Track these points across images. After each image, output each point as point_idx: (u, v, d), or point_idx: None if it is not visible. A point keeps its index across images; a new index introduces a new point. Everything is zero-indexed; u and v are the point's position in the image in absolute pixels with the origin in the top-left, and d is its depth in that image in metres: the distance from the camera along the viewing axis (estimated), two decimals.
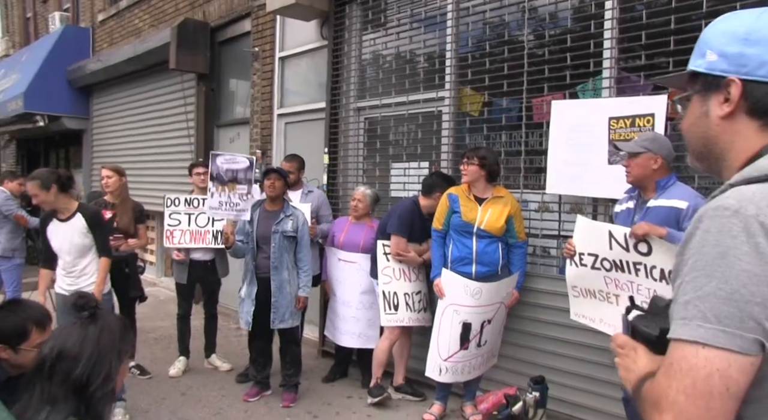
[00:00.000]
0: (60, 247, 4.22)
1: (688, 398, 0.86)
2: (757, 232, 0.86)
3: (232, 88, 8.11)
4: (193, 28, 7.79)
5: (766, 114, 1.00)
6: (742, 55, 1.00)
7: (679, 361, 0.88)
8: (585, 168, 3.96)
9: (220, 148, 8.09)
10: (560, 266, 4.27)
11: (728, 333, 0.85)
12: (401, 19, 5.35)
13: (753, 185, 0.92)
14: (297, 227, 4.55)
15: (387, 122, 5.56)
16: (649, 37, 3.74)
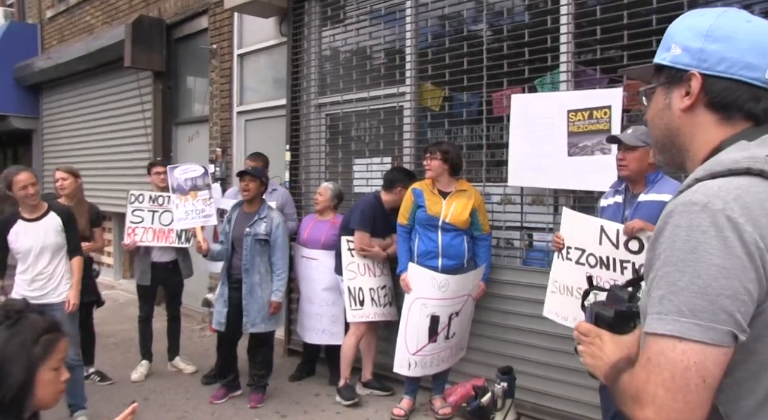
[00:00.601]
0: (29, 248, 3.99)
1: (667, 392, 0.89)
2: (725, 226, 0.89)
3: (189, 85, 7.98)
4: (148, 25, 7.63)
5: (724, 108, 1.04)
6: (703, 50, 1.04)
7: (657, 355, 0.91)
8: (545, 160, 4.03)
9: (179, 146, 7.97)
10: (524, 258, 4.35)
11: (702, 326, 0.88)
12: (360, 15, 5.34)
13: (718, 180, 0.95)
14: (270, 230, 4.48)
15: (348, 118, 5.55)
16: (603, 31, 3.81)
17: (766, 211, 0.91)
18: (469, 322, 4.33)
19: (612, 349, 1.12)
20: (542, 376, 4.09)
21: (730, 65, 1.02)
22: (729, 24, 1.04)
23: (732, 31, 1.03)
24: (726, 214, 0.90)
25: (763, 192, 0.92)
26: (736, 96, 1.03)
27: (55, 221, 4.08)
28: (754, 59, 1.01)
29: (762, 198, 0.92)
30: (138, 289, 5.36)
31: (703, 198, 0.92)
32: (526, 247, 4.39)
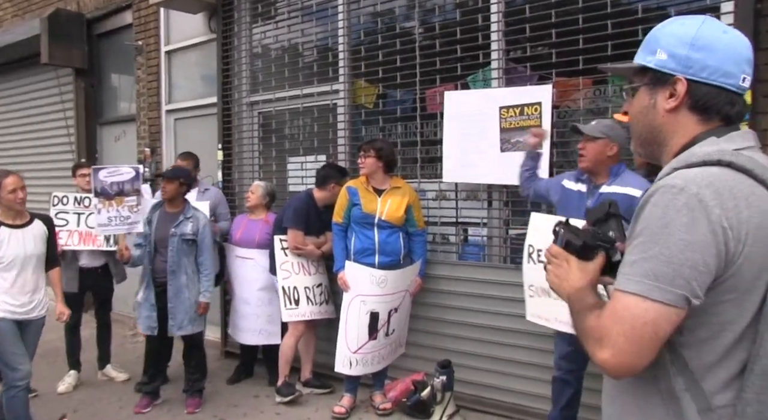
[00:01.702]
0: (15, 257, 3.72)
1: (626, 340, 1.07)
2: (696, 207, 1.04)
3: (114, 83, 7.69)
4: (66, 19, 7.27)
5: (705, 110, 1.18)
6: (689, 57, 1.17)
7: (623, 309, 1.08)
8: (479, 156, 4.10)
9: (105, 147, 7.67)
10: (460, 253, 4.41)
11: (662, 289, 1.05)
12: (292, 12, 5.28)
13: (693, 169, 1.09)
14: (197, 230, 4.38)
15: (282, 116, 5.48)
16: (532, 29, 3.91)
17: (733, 196, 1.05)
18: (407, 318, 4.36)
19: (577, 275, 1.26)
20: (480, 368, 4.16)
21: (711, 72, 1.16)
22: (710, 35, 1.17)
23: (713, 42, 1.17)
24: (699, 197, 1.04)
25: (732, 180, 1.07)
26: (716, 100, 1.17)
27: (41, 229, 3.88)
28: (731, 68, 1.16)
29: (731, 185, 1.06)
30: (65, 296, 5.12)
31: (681, 182, 1.07)
32: (462, 242, 4.46)
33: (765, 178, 1.08)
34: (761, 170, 1.09)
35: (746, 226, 1.05)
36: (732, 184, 1.06)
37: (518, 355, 3.98)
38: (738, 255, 1.05)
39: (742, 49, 1.18)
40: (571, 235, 1.30)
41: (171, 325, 4.34)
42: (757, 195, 1.07)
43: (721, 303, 1.08)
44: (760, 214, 1.06)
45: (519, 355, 3.98)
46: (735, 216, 1.05)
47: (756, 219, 1.06)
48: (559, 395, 3.43)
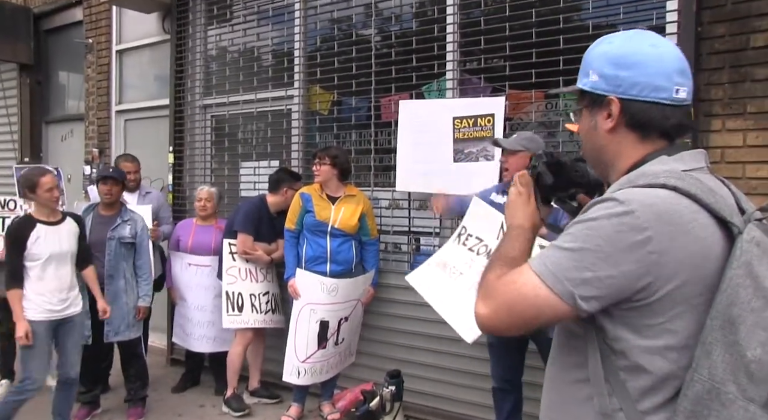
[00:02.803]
0: (51, 255, 3.71)
1: (508, 311, 1.13)
2: (627, 224, 1.05)
3: (62, 81, 7.47)
4: (11, 12, 7.03)
5: (641, 127, 1.18)
6: (617, 76, 1.18)
7: (523, 282, 1.12)
8: (432, 165, 4.11)
9: (51, 146, 7.44)
10: (411, 262, 4.41)
11: (557, 278, 1.08)
12: (248, 15, 5.22)
13: (640, 189, 1.09)
14: (136, 232, 4.27)
15: (235, 120, 5.41)
16: (487, 41, 3.95)
17: (671, 222, 1.05)
18: (358, 328, 4.34)
19: (525, 213, 1.30)
20: (430, 378, 4.17)
21: (641, 89, 1.15)
22: (637, 51, 1.17)
23: (640, 58, 1.16)
24: (634, 215, 1.05)
25: (674, 204, 1.06)
26: (650, 116, 1.16)
27: (74, 227, 3.83)
28: (661, 82, 1.15)
29: (672, 210, 1.06)
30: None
31: (622, 197, 1.08)
32: (414, 251, 4.46)
33: (709, 203, 1.07)
34: (706, 195, 1.08)
35: (678, 253, 1.05)
36: (673, 209, 1.06)
37: (468, 366, 4.00)
38: (663, 281, 1.05)
39: (672, 61, 1.16)
40: (546, 173, 1.29)
41: (107, 331, 4.18)
42: (698, 222, 1.06)
43: (652, 327, 1.08)
44: (695, 242, 1.05)
45: (468, 366, 4.00)
46: (668, 242, 1.04)
47: (691, 247, 1.05)
48: (500, 405, 3.48)
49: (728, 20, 3.15)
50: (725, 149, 3.17)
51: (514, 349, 3.40)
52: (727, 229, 1.07)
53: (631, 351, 1.09)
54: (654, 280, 1.05)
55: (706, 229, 1.06)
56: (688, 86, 1.17)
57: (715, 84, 3.19)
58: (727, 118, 3.17)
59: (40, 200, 3.76)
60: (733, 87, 3.15)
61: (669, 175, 1.10)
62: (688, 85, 1.17)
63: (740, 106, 3.13)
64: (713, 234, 1.07)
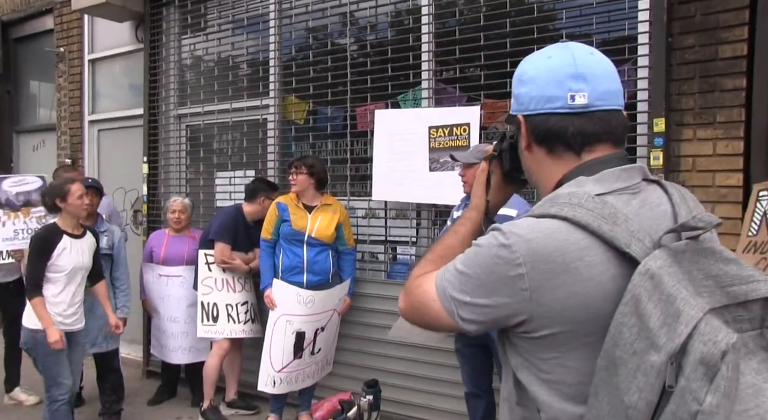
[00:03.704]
0: (74, 267, 3.70)
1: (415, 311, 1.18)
2: (503, 257, 1.02)
3: (33, 90, 7.36)
4: None
5: (544, 140, 1.13)
6: (519, 94, 1.16)
7: (425, 290, 1.14)
8: (408, 175, 4.12)
9: (22, 156, 7.31)
10: (388, 271, 4.41)
11: (446, 295, 1.09)
12: (222, 25, 5.20)
13: (532, 218, 1.04)
14: (113, 244, 4.23)
15: (210, 130, 5.37)
16: (462, 51, 3.98)
17: (552, 259, 0.99)
18: (335, 338, 4.32)
19: (477, 190, 1.32)
20: (407, 387, 4.16)
21: (536, 102, 1.11)
22: (533, 65, 1.15)
23: (535, 71, 1.13)
24: (511, 249, 1.01)
25: (561, 240, 0.99)
26: (547, 128, 1.11)
27: (92, 241, 3.80)
28: (553, 91, 1.09)
29: (555, 246, 0.99)
30: None
31: (508, 230, 1.03)
32: (390, 260, 4.46)
33: (602, 233, 0.98)
34: (603, 224, 0.98)
35: (556, 292, 0.99)
36: (559, 244, 0.99)
37: (444, 374, 4.00)
38: (542, 319, 1.00)
39: (564, 67, 1.10)
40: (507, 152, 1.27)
41: (84, 343, 4.14)
42: (585, 260, 0.98)
43: (546, 361, 1.03)
44: (579, 282, 0.98)
45: (445, 374, 4.00)
46: (542, 280, 0.99)
47: (571, 287, 0.98)
48: (473, 410, 3.51)
49: (697, 31, 3.20)
50: (696, 158, 3.23)
51: (480, 354, 3.43)
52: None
53: (529, 381, 1.06)
54: (530, 318, 1.01)
55: (594, 266, 0.98)
56: (588, 90, 1.08)
57: (686, 94, 3.25)
58: (697, 127, 3.22)
59: (70, 209, 3.71)
60: (703, 97, 3.20)
61: (567, 201, 1.02)
62: (589, 90, 1.08)
63: (710, 115, 3.18)
64: (606, 270, 0.98)
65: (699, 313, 0.89)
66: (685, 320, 0.88)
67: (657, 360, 0.89)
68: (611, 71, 1.12)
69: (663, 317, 0.90)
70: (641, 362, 0.90)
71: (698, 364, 0.87)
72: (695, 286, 0.92)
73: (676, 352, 0.88)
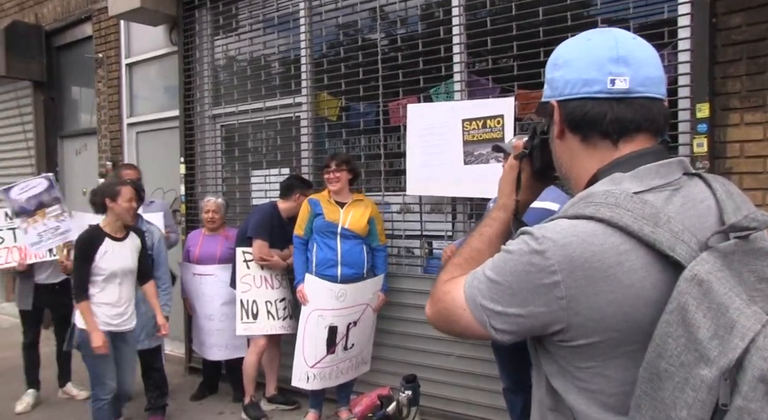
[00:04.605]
0: (116, 271, 3.77)
1: (442, 318, 1.12)
2: (536, 264, 0.96)
3: (75, 96, 7.54)
4: (24, 31, 7.13)
5: (578, 128, 1.06)
6: (553, 79, 1.09)
7: (453, 297, 1.09)
8: (442, 169, 4.08)
9: (66, 160, 7.50)
10: (424, 266, 4.39)
11: (476, 304, 1.04)
12: (254, 24, 5.23)
13: (566, 220, 0.98)
14: (153, 244, 4.29)
15: (245, 129, 5.42)
16: (494, 42, 3.92)
17: (590, 265, 0.92)
18: (370, 334, 4.31)
19: (505, 189, 1.24)
20: (446, 381, 4.14)
21: (572, 86, 1.05)
22: (569, 48, 1.09)
23: (571, 54, 1.07)
24: (545, 256, 0.95)
25: (598, 244, 0.93)
26: (583, 113, 1.04)
27: (137, 242, 3.88)
28: (592, 74, 1.03)
29: (591, 251, 0.93)
30: (20, 314, 4.99)
31: (541, 233, 0.97)
32: (426, 255, 4.44)
33: (644, 236, 0.91)
34: (644, 225, 0.92)
35: (594, 300, 0.92)
36: (596, 249, 0.92)
37: (483, 369, 3.96)
38: (578, 327, 0.94)
39: (604, 50, 1.03)
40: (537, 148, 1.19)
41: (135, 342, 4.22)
42: (624, 266, 0.92)
43: (583, 370, 0.98)
44: (618, 289, 0.92)
45: (484, 369, 3.96)
46: (579, 288, 0.93)
47: (612, 295, 0.92)
48: (512, 406, 3.45)
49: (744, 9, 3.07)
50: (744, 143, 3.10)
51: (515, 349, 3.36)
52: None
53: (565, 389, 1.01)
54: (567, 327, 0.95)
55: (635, 272, 0.91)
56: (629, 75, 1.01)
57: (731, 76, 3.12)
58: (745, 111, 3.09)
59: (117, 210, 3.78)
60: (751, 79, 3.08)
61: (603, 201, 0.95)
62: (631, 74, 1.01)
63: (759, 98, 3.06)
64: (648, 276, 0.91)
65: (757, 325, 0.82)
66: (740, 333, 0.82)
67: (708, 375, 0.82)
68: (654, 57, 1.05)
69: (714, 328, 0.83)
70: (690, 376, 0.84)
71: (758, 382, 0.80)
72: (748, 292, 0.86)
73: (731, 368, 0.81)
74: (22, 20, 7.38)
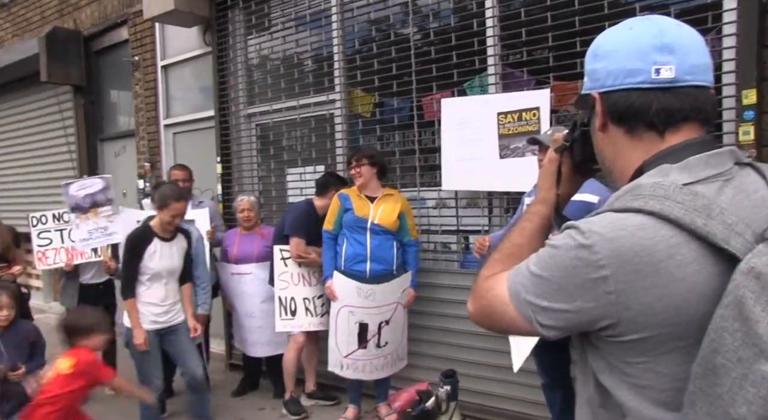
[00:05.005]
0: (162, 270, 3.89)
1: (486, 315, 1.11)
2: (583, 259, 0.94)
3: (113, 99, 7.69)
4: (63, 37, 7.29)
5: (622, 119, 1.04)
6: (594, 70, 1.07)
7: (496, 294, 1.07)
8: (478, 163, 4.05)
9: (106, 162, 7.67)
10: (461, 261, 4.36)
11: (520, 300, 1.02)
12: (286, 23, 5.26)
13: (613, 214, 0.96)
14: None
15: (279, 128, 5.46)
16: (528, 33, 3.87)
17: (639, 259, 0.90)
18: (404, 331, 4.29)
19: (545, 182, 1.22)
20: (485, 376, 4.11)
21: (615, 77, 1.03)
22: (610, 38, 1.06)
23: (613, 44, 1.05)
24: (592, 250, 0.93)
25: (648, 238, 0.90)
26: (627, 104, 1.02)
27: (183, 244, 3.99)
28: (636, 64, 1.00)
29: (641, 245, 0.90)
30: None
31: (588, 227, 0.95)
32: (463, 250, 4.41)
33: (696, 228, 0.89)
34: (696, 217, 0.89)
35: (644, 294, 0.90)
36: (646, 243, 0.90)
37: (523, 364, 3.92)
38: (629, 323, 0.92)
39: (648, 38, 1.00)
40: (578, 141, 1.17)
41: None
42: (675, 259, 0.89)
43: (633, 365, 0.96)
44: (669, 283, 0.89)
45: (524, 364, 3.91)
46: (629, 282, 0.91)
47: (662, 289, 0.89)
48: (550, 402, 3.42)
49: None
50: None
51: (552, 346, 3.32)
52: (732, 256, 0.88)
53: (614, 386, 0.99)
54: (616, 322, 0.93)
55: (687, 265, 0.89)
56: (675, 63, 0.98)
57: None
58: None
59: (162, 219, 3.88)
60: None
61: (652, 193, 0.93)
62: (676, 63, 0.98)
63: None
64: (701, 269, 0.89)
65: None
66: None
67: None
68: (701, 44, 1.02)
69: None
70: (749, 372, 0.81)
71: None
72: None
73: None
74: (62, 26, 7.55)
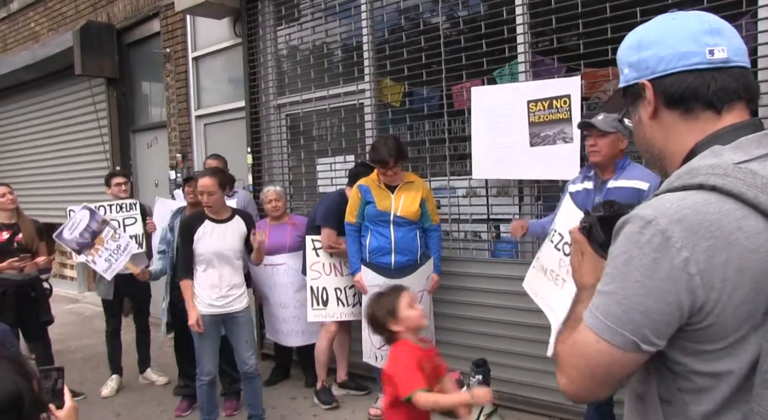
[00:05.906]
0: (213, 252, 3.88)
1: (580, 375, 1.03)
2: (660, 247, 0.92)
3: (145, 91, 7.80)
4: (97, 30, 7.42)
5: (679, 102, 1.06)
6: (641, 60, 1.09)
7: (581, 343, 1.02)
8: (508, 151, 4.03)
9: (138, 153, 7.79)
10: (492, 250, 4.35)
11: (612, 330, 0.96)
12: (315, 13, 5.28)
13: (673, 194, 0.96)
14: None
15: (309, 118, 5.49)
16: (558, 20, 3.83)
17: (710, 235, 0.90)
18: (431, 318, 4.29)
19: (588, 268, 1.18)
20: (516, 366, 4.11)
21: (668, 62, 1.05)
22: (654, 29, 1.09)
23: (660, 33, 1.08)
24: (666, 235, 0.92)
25: (715, 212, 0.91)
26: (685, 86, 1.04)
27: (242, 227, 4.01)
28: (688, 47, 1.03)
29: (711, 219, 0.91)
30: (102, 303, 5.24)
31: (650, 213, 0.95)
32: (494, 239, 4.40)
33: (759, 203, 0.90)
34: (757, 191, 0.91)
35: (723, 270, 0.90)
36: (713, 217, 0.91)
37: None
38: (713, 303, 0.92)
39: (695, 23, 1.05)
40: (596, 227, 1.17)
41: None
42: (745, 231, 0.90)
43: (709, 352, 0.95)
44: (743, 256, 0.90)
45: None
46: (708, 259, 0.90)
47: (737, 261, 0.90)
48: None
49: None
50: None
51: None
52: None
53: (691, 375, 0.98)
54: (704, 303, 0.92)
55: (758, 235, 0.90)
56: (726, 45, 1.02)
57: None
58: None
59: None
60: None
61: (710, 172, 0.94)
62: (727, 44, 1.02)
63: None
64: None
65: None
66: None
67: None
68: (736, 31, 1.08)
69: None
70: None
71: None
72: None
73: None
74: (96, 20, 7.67)
